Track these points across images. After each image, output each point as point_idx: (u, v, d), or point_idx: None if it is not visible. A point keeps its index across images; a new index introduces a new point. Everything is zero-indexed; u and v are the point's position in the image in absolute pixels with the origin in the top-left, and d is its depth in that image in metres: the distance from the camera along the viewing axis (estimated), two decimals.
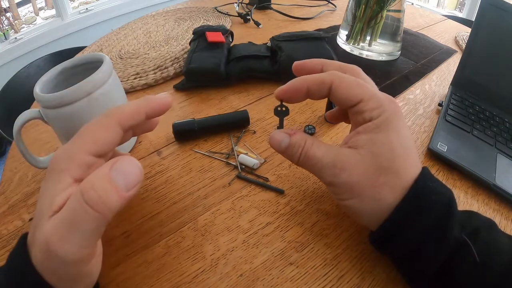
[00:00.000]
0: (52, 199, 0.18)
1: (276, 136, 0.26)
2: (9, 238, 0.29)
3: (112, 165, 0.18)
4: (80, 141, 0.20)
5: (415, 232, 0.21)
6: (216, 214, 0.30)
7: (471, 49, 0.48)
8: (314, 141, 0.25)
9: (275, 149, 0.26)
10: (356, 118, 0.24)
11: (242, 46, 0.52)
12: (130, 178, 0.18)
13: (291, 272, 0.25)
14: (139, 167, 0.19)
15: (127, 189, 0.18)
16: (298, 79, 0.25)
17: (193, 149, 0.37)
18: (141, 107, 0.23)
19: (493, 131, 0.41)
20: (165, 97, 0.24)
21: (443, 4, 2.27)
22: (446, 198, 0.22)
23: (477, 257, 0.20)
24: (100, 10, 2.04)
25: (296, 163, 0.25)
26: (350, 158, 0.23)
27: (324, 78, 0.24)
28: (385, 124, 0.23)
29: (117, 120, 0.21)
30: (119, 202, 0.17)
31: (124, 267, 0.26)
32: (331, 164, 0.23)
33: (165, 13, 0.79)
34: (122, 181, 0.18)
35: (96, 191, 0.17)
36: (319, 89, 0.24)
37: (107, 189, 0.17)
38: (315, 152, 0.24)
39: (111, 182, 0.17)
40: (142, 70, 0.52)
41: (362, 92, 0.24)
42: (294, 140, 0.25)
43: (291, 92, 0.25)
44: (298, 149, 0.25)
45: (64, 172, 0.19)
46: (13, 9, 1.80)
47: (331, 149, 0.24)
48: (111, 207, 0.17)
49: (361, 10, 0.54)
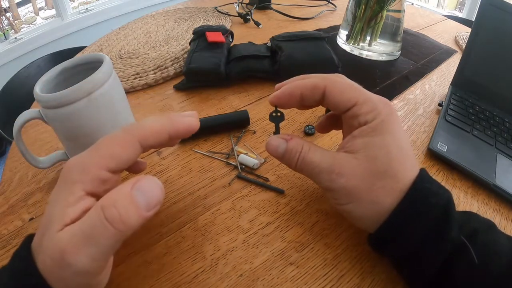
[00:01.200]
0: (64, 210, 0.18)
1: (273, 141, 0.26)
2: (9, 238, 0.29)
3: (134, 184, 0.18)
4: (97, 155, 0.20)
5: (413, 235, 0.21)
6: (216, 214, 0.30)
7: (471, 49, 0.48)
8: (311, 146, 0.25)
9: (272, 155, 0.26)
10: (351, 122, 0.24)
11: (242, 46, 0.52)
12: (151, 198, 0.18)
13: (291, 272, 0.25)
14: (160, 187, 0.19)
15: (148, 209, 0.18)
16: (291, 85, 0.25)
17: (193, 149, 0.37)
18: (165, 127, 0.22)
19: (493, 131, 0.41)
20: (193, 120, 0.23)
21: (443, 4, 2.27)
22: (444, 199, 0.22)
23: (476, 259, 0.20)
24: (100, 10, 2.05)
25: (294, 169, 0.25)
26: (347, 162, 0.23)
27: (317, 82, 0.24)
28: (380, 127, 0.23)
29: (138, 137, 0.21)
30: (138, 221, 0.18)
31: (124, 267, 0.26)
32: (329, 169, 0.23)
33: (165, 13, 0.79)
34: (143, 201, 0.18)
35: (118, 209, 0.17)
36: (312, 94, 0.24)
37: (128, 208, 0.17)
38: (312, 157, 0.24)
39: (132, 201, 0.17)
40: (142, 70, 0.52)
41: (356, 95, 0.23)
42: (291, 145, 0.25)
43: (285, 98, 0.25)
44: (296, 155, 0.24)
45: (77, 184, 0.19)
46: (13, 9, 1.81)
47: (328, 154, 0.24)
48: (130, 226, 0.17)
49: (361, 10, 0.54)
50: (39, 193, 0.33)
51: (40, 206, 0.31)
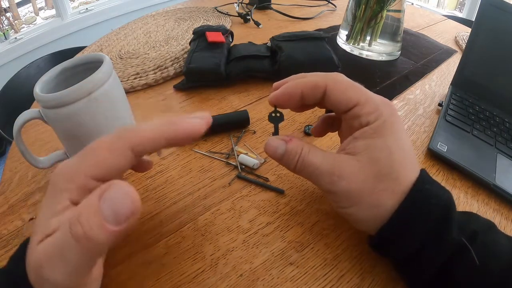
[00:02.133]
0: (48, 220, 0.17)
1: (272, 143, 0.25)
2: (9, 238, 0.29)
3: (102, 192, 0.15)
4: (83, 162, 0.18)
5: (413, 237, 0.21)
6: (216, 214, 0.30)
7: (471, 49, 0.48)
8: (311, 148, 0.24)
9: (271, 156, 0.25)
10: (351, 122, 0.24)
11: (242, 46, 0.52)
12: (120, 210, 0.15)
13: (291, 272, 0.25)
14: (131, 196, 0.16)
15: (117, 223, 0.15)
16: (291, 84, 0.25)
17: (193, 149, 0.37)
18: (163, 133, 0.19)
19: (493, 131, 0.41)
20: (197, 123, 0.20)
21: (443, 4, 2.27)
22: (445, 200, 0.22)
23: (476, 260, 0.20)
24: (100, 10, 2.04)
25: (293, 171, 0.25)
26: (348, 165, 0.23)
27: (318, 81, 0.24)
28: (382, 128, 0.22)
29: (129, 144, 0.19)
30: (106, 238, 0.15)
31: (124, 267, 0.26)
32: (329, 171, 0.23)
33: (165, 13, 0.79)
34: (111, 214, 0.15)
35: (82, 225, 0.15)
36: (313, 93, 0.24)
37: (93, 223, 0.15)
38: (312, 159, 0.23)
39: (97, 214, 0.15)
40: (142, 70, 0.52)
41: (358, 95, 0.23)
42: (291, 147, 0.24)
43: (285, 97, 0.25)
44: (295, 156, 0.24)
45: (63, 193, 0.17)
46: (13, 9, 1.81)
47: (329, 156, 0.23)
48: (97, 243, 0.15)
49: (361, 10, 0.54)
50: (39, 193, 0.33)
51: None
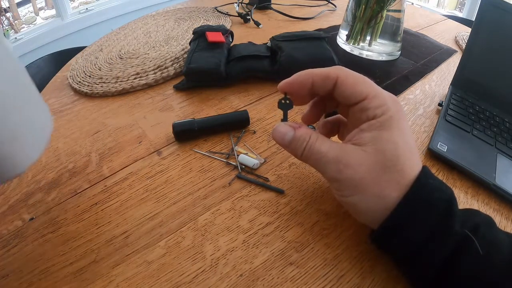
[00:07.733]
0: None
1: (281, 128, 0.25)
2: (9, 238, 0.29)
3: None
4: None
5: (418, 228, 0.21)
6: (216, 214, 0.30)
7: (471, 49, 0.48)
8: (319, 136, 0.25)
9: (278, 142, 0.26)
10: (358, 115, 0.24)
11: (242, 46, 0.52)
12: None
13: (291, 272, 0.25)
14: None
15: None
16: (303, 72, 0.25)
17: (193, 149, 0.37)
18: None
19: (493, 131, 0.41)
20: None
21: (443, 4, 2.27)
22: (447, 195, 0.22)
23: (480, 250, 0.20)
24: (100, 10, 2.04)
25: (299, 158, 0.25)
26: (355, 154, 0.23)
27: (329, 72, 0.24)
28: (389, 122, 0.23)
29: None
30: None
31: (124, 267, 0.26)
32: (336, 159, 0.23)
33: (165, 13, 0.79)
34: None
35: None
36: (324, 84, 0.24)
37: None
38: (319, 147, 0.24)
39: None
40: (142, 70, 0.52)
41: (368, 89, 0.24)
42: (299, 133, 0.25)
43: (296, 85, 0.25)
44: (303, 143, 0.25)
45: None
46: (13, 9, 1.80)
47: (336, 145, 0.24)
48: None
49: (361, 10, 0.54)
50: (39, 193, 0.33)
51: (40, 206, 0.31)
